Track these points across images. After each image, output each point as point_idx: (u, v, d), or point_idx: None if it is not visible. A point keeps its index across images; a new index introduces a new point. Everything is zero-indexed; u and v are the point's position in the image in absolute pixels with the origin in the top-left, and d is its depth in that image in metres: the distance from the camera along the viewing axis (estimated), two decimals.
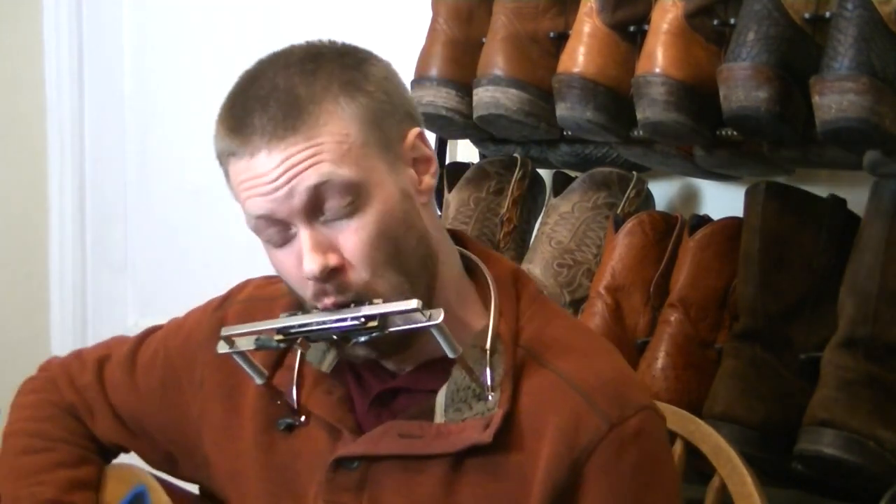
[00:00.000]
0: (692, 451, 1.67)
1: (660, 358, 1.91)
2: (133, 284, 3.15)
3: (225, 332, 1.38)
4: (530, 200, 2.23)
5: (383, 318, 1.31)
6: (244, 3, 2.88)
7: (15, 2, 3.11)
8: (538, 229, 2.17)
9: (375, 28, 2.52)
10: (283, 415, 1.44)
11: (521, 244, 2.20)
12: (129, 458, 1.64)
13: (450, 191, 2.23)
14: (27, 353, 1.70)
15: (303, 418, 1.44)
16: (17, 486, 1.56)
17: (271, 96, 1.32)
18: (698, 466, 1.70)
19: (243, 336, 1.37)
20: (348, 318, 1.32)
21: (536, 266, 2.07)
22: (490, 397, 1.35)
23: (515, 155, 2.21)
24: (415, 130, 1.38)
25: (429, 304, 1.35)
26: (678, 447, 1.65)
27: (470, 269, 1.45)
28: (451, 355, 1.31)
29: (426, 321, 1.29)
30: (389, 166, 1.35)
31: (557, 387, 1.36)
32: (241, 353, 1.38)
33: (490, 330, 1.38)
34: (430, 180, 1.40)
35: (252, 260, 1.61)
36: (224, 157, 1.35)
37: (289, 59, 1.36)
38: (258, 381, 1.40)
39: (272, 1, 2.83)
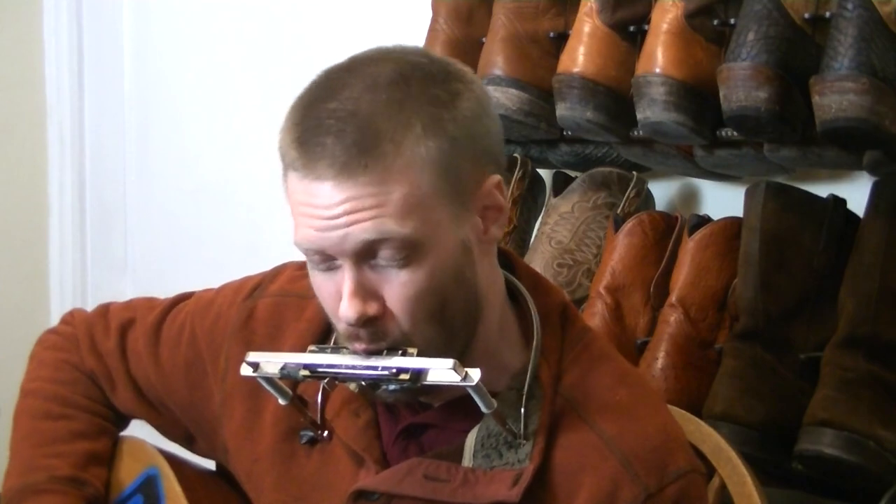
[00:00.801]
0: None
1: (660, 358, 1.91)
2: (133, 284, 3.15)
3: (250, 357, 1.34)
4: (530, 200, 2.23)
5: (416, 372, 1.26)
6: (245, 4, 2.87)
7: (15, 2, 3.11)
8: (538, 229, 2.16)
9: (376, 28, 2.51)
10: (306, 427, 1.41)
11: (521, 244, 2.20)
12: (143, 429, 1.62)
13: None
14: (27, 354, 1.69)
15: (325, 433, 1.40)
16: (34, 453, 1.54)
17: (350, 121, 1.25)
18: None
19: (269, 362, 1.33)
20: (380, 367, 1.28)
21: (536, 266, 2.07)
22: (523, 445, 1.31)
23: (515, 155, 2.21)
24: (493, 179, 1.30)
25: (465, 351, 1.31)
26: None
27: (513, 295, 1.40)
28: (485, 410, 1.28)
29: (461, 380, 1.25)
30: (455, 217, 1.28)
31: (596, 448, 1.31)
32: (265, 378, 1.34)
33: (529, 373, 1.33)
34: (496, 231, 1.33)
35: (253, 260, 1.61)
36: (286, 162, 1.29)
37: (377, 79, 1.27)
38: (282, 401, 1.37)
39: (273, 1, 2.82)
